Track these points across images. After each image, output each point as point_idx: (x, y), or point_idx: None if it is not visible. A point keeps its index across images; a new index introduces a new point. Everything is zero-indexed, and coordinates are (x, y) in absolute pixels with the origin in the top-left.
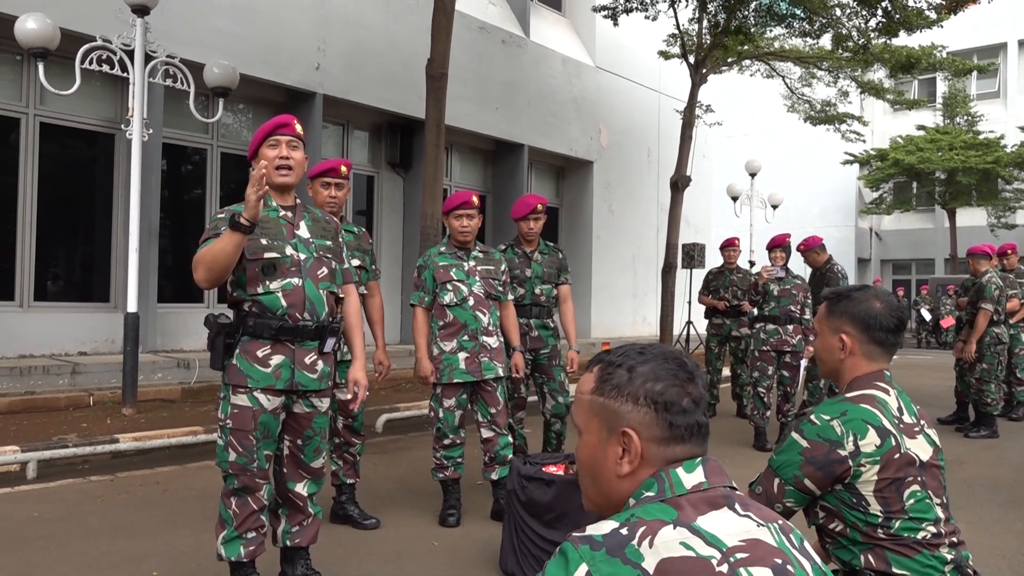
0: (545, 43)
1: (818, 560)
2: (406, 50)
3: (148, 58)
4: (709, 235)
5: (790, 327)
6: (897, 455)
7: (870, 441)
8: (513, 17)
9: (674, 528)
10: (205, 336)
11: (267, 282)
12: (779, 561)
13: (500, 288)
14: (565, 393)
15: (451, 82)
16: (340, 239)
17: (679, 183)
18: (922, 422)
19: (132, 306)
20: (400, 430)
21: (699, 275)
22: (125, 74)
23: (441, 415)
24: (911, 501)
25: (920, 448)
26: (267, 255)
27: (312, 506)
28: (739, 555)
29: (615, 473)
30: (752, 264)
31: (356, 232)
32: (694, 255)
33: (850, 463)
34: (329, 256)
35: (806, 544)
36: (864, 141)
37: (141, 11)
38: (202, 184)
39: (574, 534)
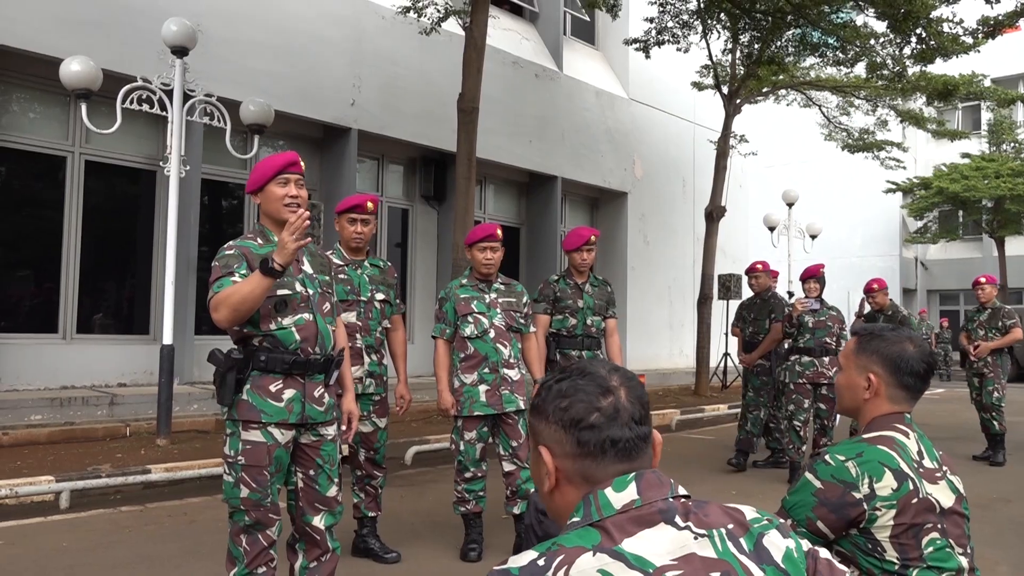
0: (578, 76)
1: (777, 561)
2: (440, 85)
3: (186, 97)
4: (746, 265)
5: (826, 359)
6: (915, 500)
7: (886, 484)
8: (546, 51)
9: (593, 555)
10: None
11: (280, 318)
12: (717, 574)
13: (522, 320)
14: None
15: (485, 116)
16: (331, 275)
17: (714, 213)
18: (944, 468)
19: (168, 338)
20: (429, 462)
21: (735, 306)
22: (164, 113)
23: (462, 448)
24: (930, 549)
25: (942, 494)
26: (280, 292)
27: (331, 540)
28: (669, 574)
29: (544, 490)
30: (791, 295)
31: (381, 266)
32: (730, 286)
33: (865, 506)
34: (329, 291)
35: (768, 540)
36: (904, 168)
37: (180, 52)
38: (240, 219)
39: (495, 567)
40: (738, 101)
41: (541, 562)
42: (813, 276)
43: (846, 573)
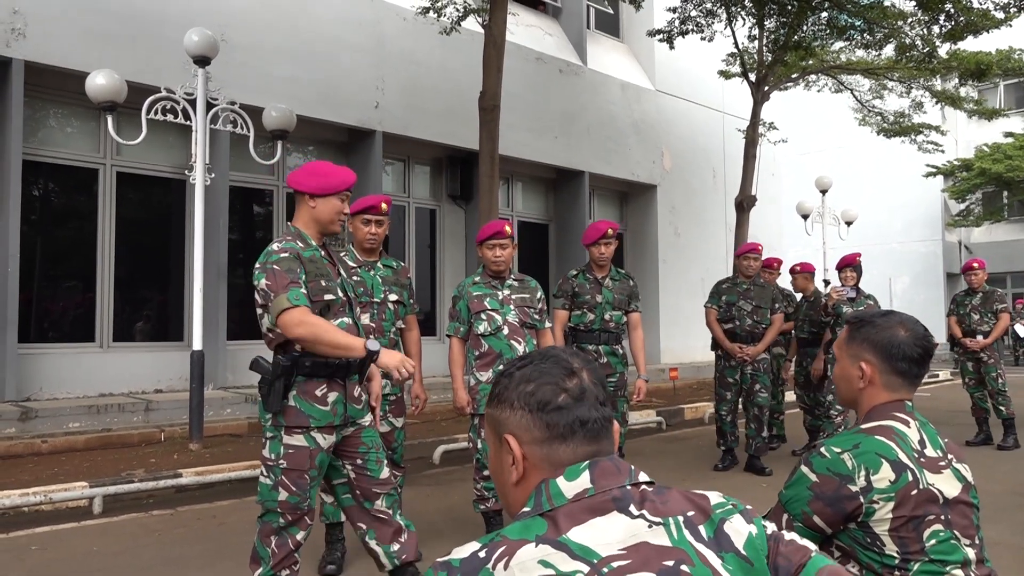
0: (603, 69)
1: (738, 547)
2: (463, 84)
3: (210, 105)
4: (784, 255)
5: None
6: (915, 491)
7: (883, 476)
8: (570, 46)
9: (536, 546)
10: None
11: None
12: (669, 563)
13: (536, 316)
14: (625, 424)
15: (509, 113)
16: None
17: (744, 203)
18: (950, 456)
19: (197, 344)
20: (457, 461)
21: None
22: (188, 122)
23: (480, 446)
24: (932, 541)
25: (946, 484)
26: (326, 296)
27: (400, 518)
28: (616, 564)
29: (510, 482)
30: (827, 283)
31: (395, 267)
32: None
33: (861, 499)
34: (352, 295)
35: (730, 526)
36: (943, 151)
37: (202, 62)
38: (269, 223)
39: (438, 559)
40: (766, 88)
41: (482, 554)
42: (850, 265)
43: (809, 551)
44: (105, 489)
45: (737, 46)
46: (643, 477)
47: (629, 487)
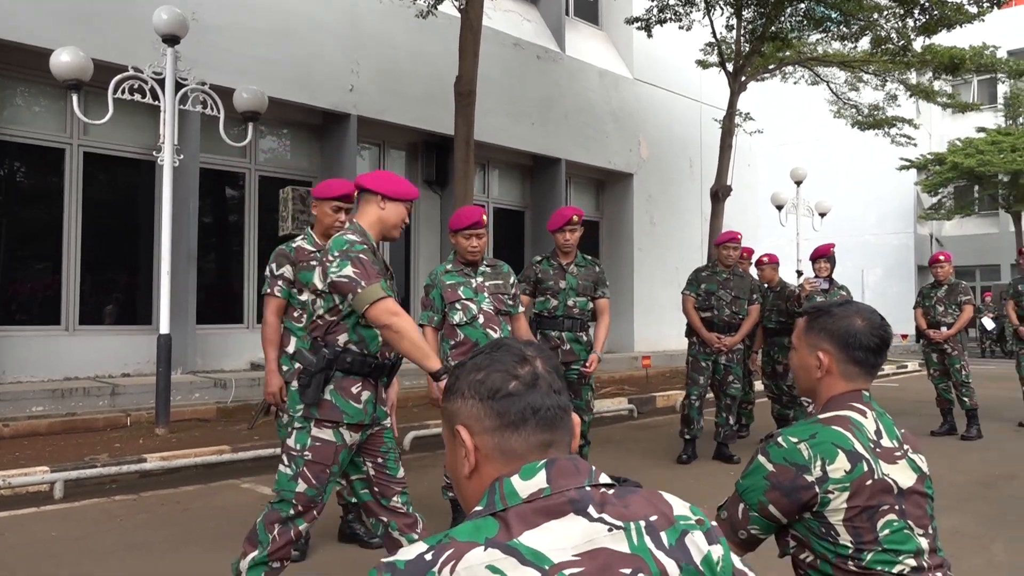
0: (581, 57)
1: (696, 562)
2: (439, 68)
3: (179, 85)
4: (758, 245)
5: None
6: (870, 481)
7: (839, 466)
8: (548, 32)
9: (485, 549)
10: (249, 357)
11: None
12: (627, 571)
13: (510, 302)
14: (589, 412)
15: (486, 99)
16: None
17: (719, 193)
18: (906, 446)
19: (164, 327)
20: (428, 447)
21: None
22: (156, 102)
23: None
24: (886, 531)
25: (901, 474)
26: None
27: (412, 510)
28: (569, 571)
29: (463, 475)
30: (800, 274)
31: None
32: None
33: (817, 489)
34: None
35: (691, 539)
36: (916, 145)
37: (171, 40)
38: (241, 207)
39: (382, 559)
40: (743, 79)
41: (429, 556)
42: (824, 255)
43: None
44: (67, 474)
45: (715, 36)
46: (604, 479)
47: (588, 488)
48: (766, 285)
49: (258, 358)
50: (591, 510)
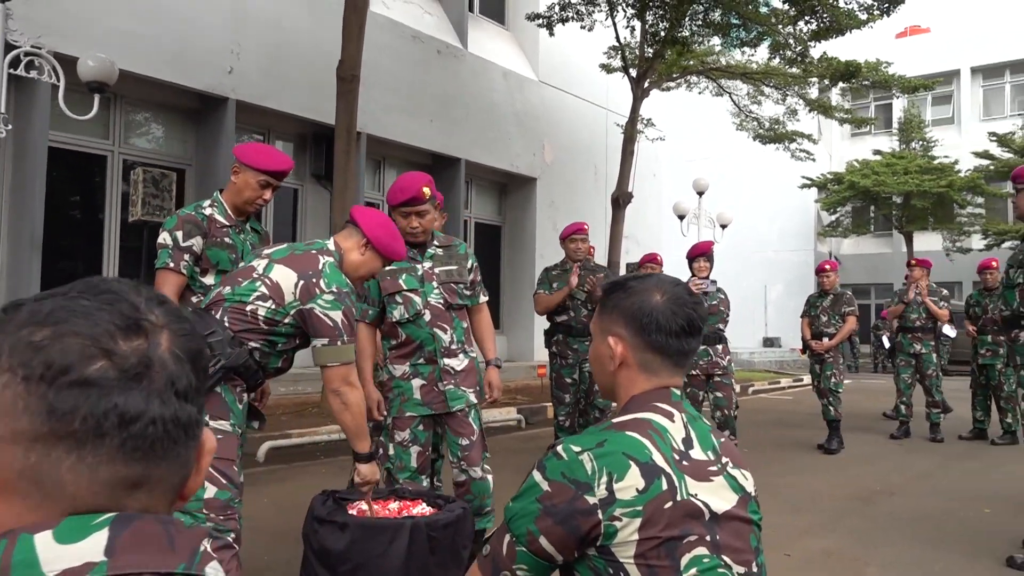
0: (484, 55)
1: None
2: (331, 56)
3: (10, 48)
4: (661, 254)
5: (719, 347)
6: (669, 504)
7: (630, 483)
8: (450, 27)
9: None
10: None
11: None
12: None
13: (467, 292)
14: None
15: (383, 93)
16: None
17: (620, 199)
18: (724, 460)
19: None
20: (285, 459)
21: None
22: None
23: (392, 452)
24: (692, 570)
25: (714, 495)
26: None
27: None
28: None
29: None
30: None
31: (260, 233)
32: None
33: (599, 515)
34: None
35: None
36: (814, 160)
37: None
38: (101, 193)
39: None
40: (646, 84)
41: None
42: (703, 254)
43: None
44: None
45: (618, 39)
46: (211, 571)
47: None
48: None
49: None
50: None
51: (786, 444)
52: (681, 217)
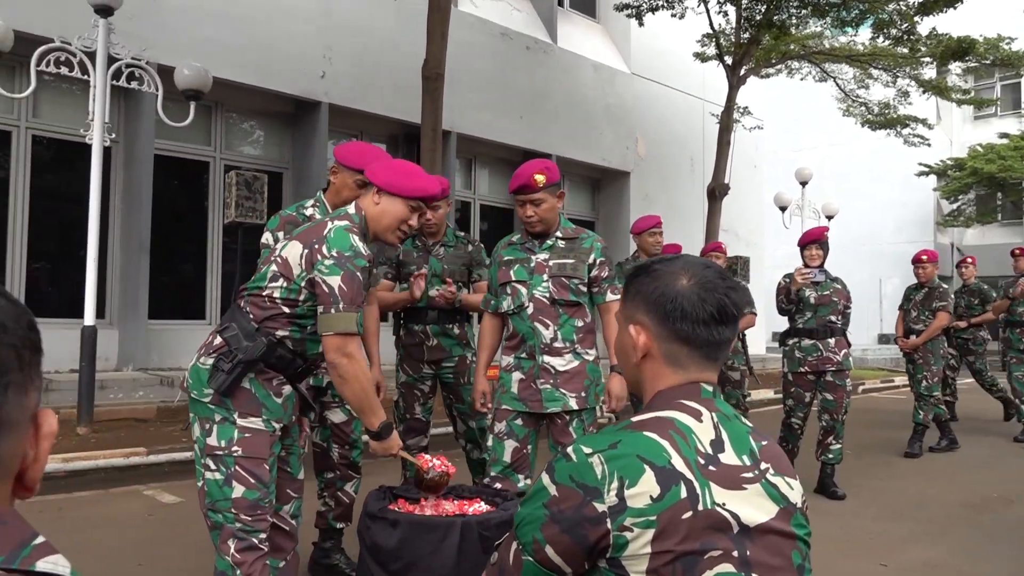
0: (574, 49)
1: None
2: (418, 56)
3: (112, 60)
4: (763, 248)
5: (831, 341)
6: (688, 514)
7: (643, 490)
8: (539, 22)
9: None
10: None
11: None
12: None
13: (581, 287)
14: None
15: (472, 91)
16: None
17: (716, 191)
18: (765, 465)
19: (89, 319)
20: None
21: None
22: (86, 76)
23: (489, 443)
24: None
25: (747, 505)
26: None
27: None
28: None
29: None
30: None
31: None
32: (736, 268)
33: (608, 525)
34: None
35: None
36: (930, 145)
37: (104, 11)
38: (203, 196)
39: None
40: (743, 72)
41: None
42: (816, 240)
43: None
44: None
45: (712, 25)
46: (46, 565)
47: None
48: None
49: None
50: None
51: (892, 446)
52: (783, 208)
